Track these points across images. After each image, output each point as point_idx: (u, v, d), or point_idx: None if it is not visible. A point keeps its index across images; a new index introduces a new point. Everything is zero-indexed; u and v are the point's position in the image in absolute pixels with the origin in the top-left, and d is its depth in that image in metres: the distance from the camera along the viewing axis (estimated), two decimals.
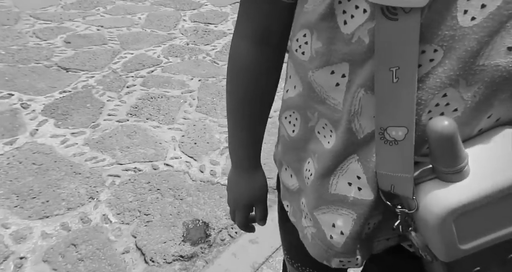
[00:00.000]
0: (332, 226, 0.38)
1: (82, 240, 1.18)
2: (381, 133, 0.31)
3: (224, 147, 1.64)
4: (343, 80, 0.33)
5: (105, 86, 2.00)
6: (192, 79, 2.14)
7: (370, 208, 0.35)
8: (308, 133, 0.39)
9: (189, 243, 1.20)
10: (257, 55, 0.42)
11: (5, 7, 2.84)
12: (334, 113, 0.35)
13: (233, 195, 0.53)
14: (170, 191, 1.39)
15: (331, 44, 0.32)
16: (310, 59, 0.35)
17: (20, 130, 1.62)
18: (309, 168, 0.40)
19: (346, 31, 0.31)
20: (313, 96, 0.36)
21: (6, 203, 1.28)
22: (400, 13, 0.27)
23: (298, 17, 0.36)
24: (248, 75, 0.43)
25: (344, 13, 0.31)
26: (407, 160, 0.30)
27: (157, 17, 2.94)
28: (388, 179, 0.32)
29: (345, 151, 0.35)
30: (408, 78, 0.28)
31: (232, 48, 0.44)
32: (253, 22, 0.40)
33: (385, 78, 0.29)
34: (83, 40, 2.45)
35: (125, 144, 1.60)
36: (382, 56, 0.29)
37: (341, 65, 0.32)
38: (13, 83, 1.94)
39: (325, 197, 0.38)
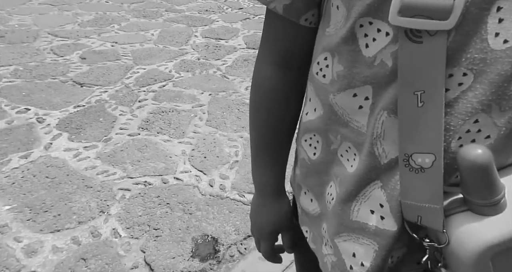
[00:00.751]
0: (353, 256, 0.36)
1: (92, 254, 1.18)
2: (405, 160, 0.30)
3: (234, 161, 1.64)
4: (367, 102, 0.32)
5: (117, 100, 2.04)
6: (203, 93, 2.17)
7: (393, 240, 0.33)
8: (330, 156, 0.38)
9: (198, 259, 1.18)
10: (280, 79, 0.42)
11: (25, 25, 2.96)
12: (358, 136, 0.34)
13: (257, 223, 0.51)
14: (180, 205, 1.39)
15: (352, 67, 0.32)
16: (331, 82, 0.35)
17: (35, 144, 1.66)
18: (331, 192, 0.39)
19: (368, 54, 0.31)
20: (335, 119, 0.36)
21: (19, 216, 1.30)
22: (425, 35, 0.27)
23: (319, 41, 0.36)
24: (272, 99, 0.43)
25: (365, 36, 0.30)
26: (435, 190, 0.28)
27: (169, 33, 3.02)
28: (415, 209, 0.30)
29: (368, 176, 0.33)
30: (435, 103, 0.27)
31: (255, 72, 0.44)
32: (276, 47, 0.40)
33: (409, 102, 0.28)
34: (98, 56, 2.53)
35: (136, 158, 1.62)
36: (405, 80, 0.28)
37: (363, 88, 0.32)
38: (30, 98, 2.00)
39: (346, 223, 0.36)
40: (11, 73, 2.22)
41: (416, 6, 0.26)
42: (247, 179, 1.54)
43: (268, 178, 0.48)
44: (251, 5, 3.97)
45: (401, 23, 0.27)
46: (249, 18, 3.53)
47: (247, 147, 1.73)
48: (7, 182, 1.44)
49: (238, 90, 2.24)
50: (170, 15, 3.47)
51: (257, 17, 3.59)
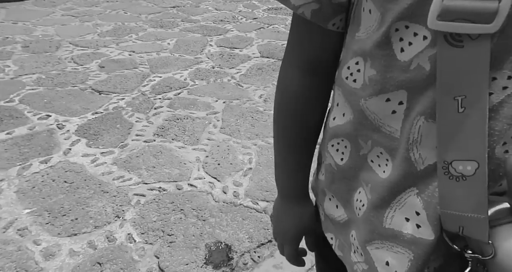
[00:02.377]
0: (386, 264, 0.35)
1: (107, 259, 1.19)
2: (444, 167, 0.28)
3: (248, 168, 1.64)
4: (401, 107, 0.31)
5: (134, 107, 2.08)
6: (217, 101, 2.19)
7: (430, 249, 0.31)
8: (359, 162, 0.37)
9: (211, 266, 1.18)
10: (305, 83, 0.42)
11: (48, 35, 3.08)
12: (390, 141, 0.33)
13: (281, 227, 0.50)
14: (193, 212, 1.40)
15: (386, 72, 0.31)
16: (363, 86, 0.34)
17: (54, 149, 1.71)
18: (360, 199, 0.38)
19: (403, 59, 0.30)
20: (366, 124, 0.35)
21: (38, 220, 1.33)
22: (466, 39, 0.26)
23: (349, 45, 0.36)
24: (297, 103, 0.43)
25: (401, 40, 0.30)
26: (479, 199, 0.27)
27: (185, 42, 3.08)
28: (456, 219, 0.29)
29: (403, 183, 0.32)
30: (478, 108, 0.26)
31: (281, 77, 0.43)
32: (303, 51, 0.40)
33: (448, 108, 0.27)
34: (116, 64, 2.60)
35: (151, 163, 1.64)
36: (445, 85, 0.27)
37: (397, 92, 0.31)
38: (51, 105, 2.06)
39: (379, 231, 0.35)
40: (34, 81, 2.31)
41: (458, 9, 0.25)
42: (260, 186, 1.54)
43: (293, 181, 0.48)
44: (265, 15, 4.02)
45: (441, 27, 0.26)
46: (263, 28, 3.58)
47: (260, 155, 1.73)
48: (28, 186, 1.48)
49: (252, 98, 2.25)
50: (186, 25, 3.55)
51: (271, 26, 3.63)
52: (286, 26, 3.67)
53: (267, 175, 1.60)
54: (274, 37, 3.33)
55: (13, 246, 1.22)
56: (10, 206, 1.38)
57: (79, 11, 3.81)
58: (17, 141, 1.74)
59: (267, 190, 1.52)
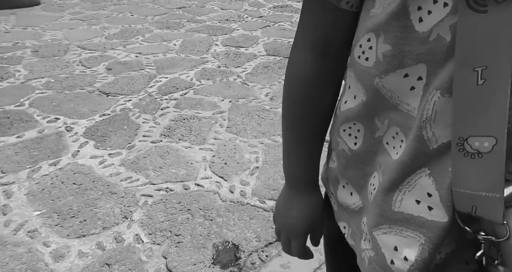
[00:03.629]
0: (394, 250, 0.33)
1: (116, 260, 1.20)
2: (459, 144, 0.26)
3: (255, 167, 1.63)
4: (420, 83, 0.29)
5: (141, 108, 2.09)
6: (223, 100, 2.18)
7: (443, 232, 0.30)
8: (374, 145, 0.35)
9: (219, 266, 1.17)
10: (317, 67, 0.40)
11: (57, 39, 3.13)
12: (407, 120, 0.31)
13: (288, 220, 0.47)
14: (201, 212, 1.39)
15: (403, 45, 0.29)
16: (376, 64, 0.32)
17: (63, 152, 1.73)
18: (373, 183, 0.36)
19: (422, 29, 0.28)
20: (382, 104, 0.33)
21: (48, 222, 1.34)
22: (491, 4, 0.23)
23: (362, 23, 0.34)
24: (307, 88, 0.41)
25: (419, 9, 0.27)
26: (495, 177, 0.25)
27: (191, 43, 3.09)
28: (469, 198, 0.27)
29: (414, 163, 0.30)
30: (499, 80, 0.24)
31: (291, 60, 0.42)
32: (314, 32, 0.38)
33: (467, 80, 0.25)
34: (123, 66, 2.62)
35: (158, 164, 1.64)
36: (464, 55, 0.25)
37: (416, 67, 0.29)
38: (59, 108, 2.09)
39: (387, 215, 0.33)
40: (43, 85, 2.34)
41: None
42: (267, 185, 1.52)
43: (303, 170, 0.46)
44: (271, 13, 4.00)
45: None
46: (269, 26, 3.56)
47: (267, 154, 1.72)
48: (37, 189, 1.50)
49: (258, 96, 2.24)
50: (192, 25, 3.56)
51: (276, 24, 3.61)
52: (292, 23, 3.64)
53: (274, 174, 1.59)
54: (280, 35, 3.30)
55: (23, 248, 1.24)
56: (20, 209, 1.40)
57: (87, 14, 3.85)
58: (27, 144, 1.77)
59: (274, 189, 1.50)
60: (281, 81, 2.44)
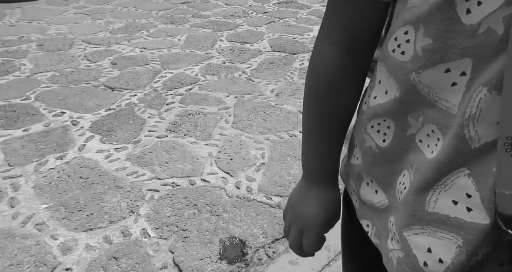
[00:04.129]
0: (428, 251, 0.32)
1: (123, 253, 1.20)
2: (507, 144, 0.25)
3: (261, 163, 1.63)
4: (463, 78, 0.28)
5: (146, 103, 2.09)
6: (228, 96, 2.18)
7: (483, 235, 0.29)
8: (405, 143, 0.34)
9: (226, 262, 1.18)
10: (342, 61, 0.39)
11: (62, 34, 3.12)
12: (446, 117, 0.30)
13: (302, 212, 0.46)
14: (207, 207, 1.39)
15: (447, 39, 0.28)
16: (414, 58, 0.31)
17: (69, 146, 1.73)
18: (403, 182, 0.35)
19: (470, 22, 0.26)
20: (418, 100, 0.31)
21: (55, 215, 1.35)
22: None
23: (398, 15, 0.32)
24: (332, 82, 0.40)
25: (467, 0, 0.26)
26: None
27: (195, 38, 3.08)
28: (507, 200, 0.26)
29: (452, 162, 0.29)
30: None
31: (315, 53, 0.40)
32: (340, 25, 0.37)
33: None
34: (128, 61, 2.61)
35: (164, 159, 1.65)
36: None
37: (460, 61, 0.28)
38: (65, 102, 2.09)
39: (419, 215, 0.32)
40: (49, 79, 2.35)
41: None
42: (274, 181, 1.53)
43: (323, 164, 0.45)
44: (276, 8, 3.97)
45: None
46: (274, 22, 3.54)
47: (273, 150, 1.72)
48: (45, 182, 1.51)
49: (263, 92, 2.23)
50: (196, 20, 3.54)
51: (281, 20, 3.59)
52: (296, 19, 3.62)
53: (280, 170, 1.59)
54: (285, 31, 3.29)
55: (31, 241, 1.24)
56: (28, 202, 1.41)
57: (91, 9, 3.84)
58: (34, 138, 1.78)
59: (281, 185, 1.51)
60: (286, 77, 2.43)
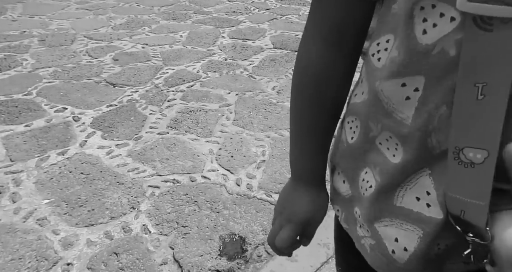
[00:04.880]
0: (395, 241, 0.35)
1: (123, 249, 1.21)
2: (455, 153, 0.28)
3: (261, 160, 1.63)
4: (415, 94, 0.30)
5: (147, 100, 2.10)
6: (230, 93, 2.18)
7: (439, 228, 0.32)
8: (367, 143, 0.36)
9: (226, 258, 1.19)
10: (329, 59, 0.39)
11: (64, 29, 3.12)
12: (401, 127, 0.32)
13: (289, 208, 0.46)
14: (207, 204, 1.40)
15: (406, 54, 0.30)
16: (383, 67, 0.32)
17: (71, 141, 1.74)
18: (367, 179, 0.37)
19: (426, 42, 0.28)
20: (379, 107, 0.33)
21: (57, 210, 1.36)
22: (497, 23, 0.24)
23: (383, 19, 0.33)
24: (318, 80, 0.40)
25: (424, 21, 0.28)
26: (483, 187, 0.27)
27: (197, 34, 3.07)
28: (458, 203, 0.29)
29: (416, 165, 0.32)
30: (498, 97, 0.25)
31: (302, 50, 0.40)
32: (329, 21, 0.37)
33: (467, 94, 0.26)
34: (129, 57, 2.61)
35: (165, 156, 1.65)
36: (467, 70, 0.26)
37: (414, 78, 0.30)
38: (67, 98, 2.10)
39: (389, 209, 0.35)
40: (50, 74, 2.35)
41: None
42: (274, 179, 1.53)
43: (310, 164, 0.45)
44: (278, 5, 3.96)
45: (471, 9, 0.24)
46: (276, 18, 3.52)
47: (274, 147, 1.72)
48: (46, 177, 1.51)
49: (265, 90, 2.23)
50: (198, 17, 3.53)
51: (284, 17, 3.57)
52: (299, 16, 3.60)
53: (281, 168, 1.59)
54: (287, 28, 3.27)
55: (33, 235, 1.25)
56: (29, 197, 1.42)
57: (93, 4, 3.83)
58: (35, 133, 1.78)
59: (281, 183, 1.51)
60: (288, 75, 2.42)
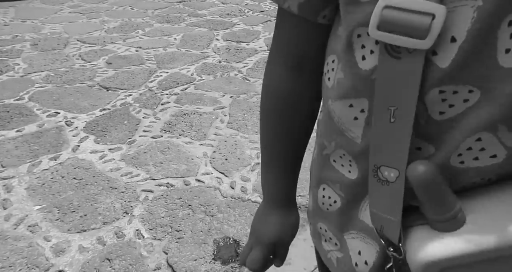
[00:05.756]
0: (358, 254, 0.37)
1: (116, 255, 1.20)
2: (374, 171, 0.30)
3: (255, 163, 1.62)
4: (362, 115, 0.31)
5: (141, 103, 2.08)
6: (224, 95, 2.17)
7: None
8: (322, 161, 0.38)
9: (220, 262, 1.17)
10: (292, 82, 0.39)
11: (56, 33, 3.10)
12: (352, 146, 0.33)
13: (259, 229, 0.47)
14: (201, 207, 1.39)
15: (351, 78, 0.31)
16: (332, 87, 0.33)
17: (63, 146, 1.72)
18: (328, 195, 0.39)
19: (365, 67, 0.29)
20: (332, 125, 0.34)
21: (48, 216, 1.34)
22: (404, 52, 0.26)
23: (331, 39, 0.34)
24: (285, 104, 0.40)
25: (363, 47, 0.29)
26: (395, 203, 0.29)
27: (191, 37, 3.06)
28: (379, 219, 0.31)
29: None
30: (405, 121, 0.27)
31: (266, 75, 0.41)
32: (289, 47, 0.38)
33: (383, 117, 0.28)
34: (123, 60, 2.60)
35: (158, 159, 1.64)
36: (381, 94, 0.28)
37: (359, 100, 0.31)
38: (59, 102, 2.08)
39: (353, 222, 0.37)
40: (43, 79, 2.33)
41: (394, 22, 0.25)
42: None
43: (277, 187, 0.46)
44: (272, 7, 3.96)
45: (379, 37, 0.26)
46: (270, 21, 3.53)
47: None
48: (38, 183, 1.49)
49: (259, 92, 2.22)
50: (192, 19, 3.53)
51: None
52: None
53: None
54: None
55: (24, 242, 1.23)
56: (21, 203, 1.40)
57: (86, 8, 3.82)
58: (27, 139, 1.76)
59: None
60: None
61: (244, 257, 0.48)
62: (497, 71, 0.25)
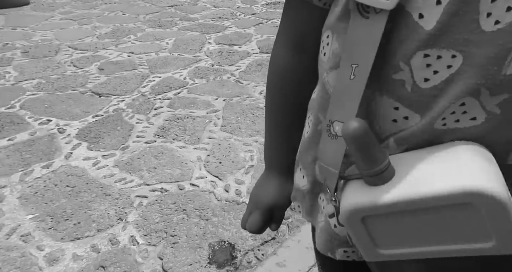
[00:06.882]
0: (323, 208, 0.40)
1: (111, 262, 1.19)
2: (328, 125, 0.32)
3: (250, 165, 1.62)
4: None
5: (134, 109, 2.07)
6: (217, 99, 2.17)
7: None
8: (317, 136, 0.39)
9: (215, 266, 1.17)
10: (294, 62, 0.43)
11: (47, 40, 3.08)
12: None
13: (258, 195, 0.51)
14: (196, 212, 1.38)
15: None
16: (328, 60, 0.35)
17: (56, 154, 1.71)
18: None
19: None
20: (326, 98, 0.36)
21: (41, 225, 1.33)
22: (372, 12, 0.27)
23: (326, 19, 0.36)
24: (286, 81, 0.44)
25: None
26: (338, 156, 0.31)
27: (183, 41, 3.06)
28: (324, 171, 0.33)
29: None
30: (361, 78, 0.29)
31: (272, 54, 0.45)
32: (291, 29, 0.41)
33: (345, 74, 0.30)
34: (115, 66, 2.59)
35: (152, 165, 1.63)
36: (347, 52, 0.29)
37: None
38: (51, 110, 2.06)
39: None
40: (34, 86, 2.31)
41: None
42: None
43: (279, 155, 0.50)
44: (263, 10, 3.98)
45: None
46: (262, 23, 3.54)
47: (262, 152, 1.71)
48: (30, 192, 1.48)
49: (252, 94, 2.23)
50: (184, 23, 3.53)
51: (270, 21, 3.59)
52: None
53: None
54: (273, 32, 3.29)
55: (16, 252, 1.22)
56: (13, 213, 1.38)
57: (77, 14, 3.80)
58: (19, 147, 1.75)
59: None
60: None
61: (244, 221, 0.52)
62: (479, 35, 0.25)
